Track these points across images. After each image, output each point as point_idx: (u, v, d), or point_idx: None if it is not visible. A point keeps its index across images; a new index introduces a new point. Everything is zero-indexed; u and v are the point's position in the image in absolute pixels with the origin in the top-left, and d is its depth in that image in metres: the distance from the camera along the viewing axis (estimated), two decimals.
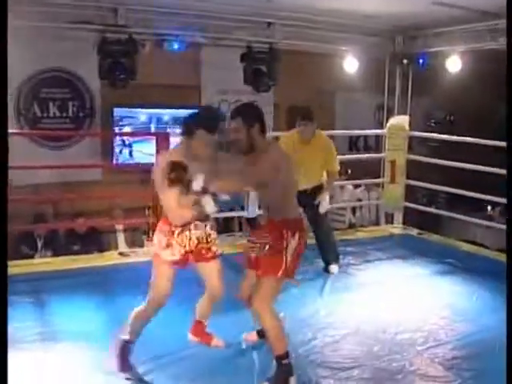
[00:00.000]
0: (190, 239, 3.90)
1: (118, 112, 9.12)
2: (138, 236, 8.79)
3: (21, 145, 8.43)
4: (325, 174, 6.36)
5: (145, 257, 6.79)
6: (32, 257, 7.64)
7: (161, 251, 3.88)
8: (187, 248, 3.91)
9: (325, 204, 6.14)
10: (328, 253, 6.45)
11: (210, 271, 4.06)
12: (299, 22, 7.96)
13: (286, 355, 3.76)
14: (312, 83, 10.15)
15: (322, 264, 6.45)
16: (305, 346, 4.40)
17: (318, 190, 6.20)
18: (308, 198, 5.97)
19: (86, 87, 9.17)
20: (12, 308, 4.93)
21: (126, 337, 3.95)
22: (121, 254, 7.12)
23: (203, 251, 3.98)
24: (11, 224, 6.76)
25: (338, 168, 6.42)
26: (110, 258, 6.87)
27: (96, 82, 8.81)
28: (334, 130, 10.40)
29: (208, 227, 4.01)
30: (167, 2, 7.31)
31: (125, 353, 3.94)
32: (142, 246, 8.44)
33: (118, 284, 5.80)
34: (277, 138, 6.62)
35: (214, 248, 4.04)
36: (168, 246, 3.86)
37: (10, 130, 8.46)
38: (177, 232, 3.87)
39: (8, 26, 6.69)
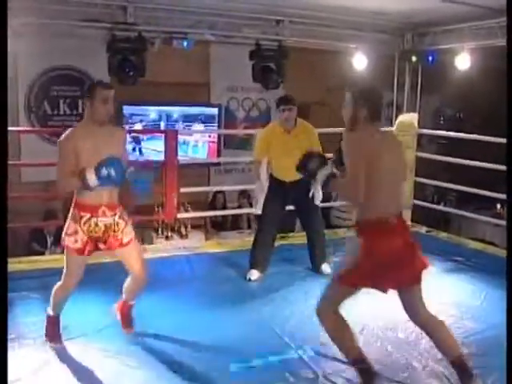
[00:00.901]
0: (96, 226, 3.99)
1: (127, 109, 9.14)
2: (148, 233, 8.82)
3: (31, 142, 8.51)
4: None
5: (153, 254, 6.86)
6: (42, 253, 7.68)
7: (65, 237, 4.03)
8: (93, 235, 4.00)
9: (319, 195, 5.84)
10: (321, 252, 6.22)
11: (128, 256, 4.21)
12: (308, 20, 7.96)
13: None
14: (321, 81, 10.15)
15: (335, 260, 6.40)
16: (312, 343, 4.41)
17: (303, 182, 5.62)
18: (297, 191, 5.79)
19: None
20: (22, 304, 5.02)
21: (51, 312, 4.27)
22: None
23: (111, 239, 4.07)
24: (22, 220, 6.85)
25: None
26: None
27: (105, 80, 8.80)
28: (343, 127, 10.41)
29: (117, 216, 4.08)
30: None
31: (52, 326, 4.27)
32: (151, 243, 8.49)
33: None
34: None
35: (120, 236, 4.11)
36: (74, 232, 3.99)
37: (20, 128, 8.60)
38: (84, 219, 3.96)
39: (18, 24, 6.76)
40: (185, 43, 7.85)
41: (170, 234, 9.04)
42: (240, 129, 10.26)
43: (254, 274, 5.95)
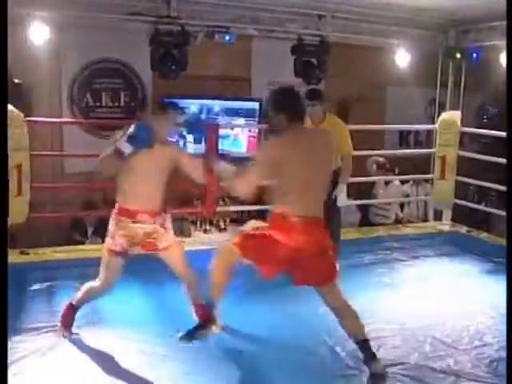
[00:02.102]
0: (134, 231, 4.12)
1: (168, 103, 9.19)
2: (186, 226, 8.86)
3: (74, 133, 8.62)
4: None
5: (191, 246, 6.90)
6: (82, 243, 7.78)
7: (107, 239, 4.15)
8: (131, 240, 4.13)
9: (343, 197, 5.73)
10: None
11: (166, 259, 4.39)
12: (351, 15, 7.93)
13: None
14: (362, 77, 10.07)
15: (365, 257, 6.35)
16: (349, 341, 4.39)
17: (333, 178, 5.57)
18: None
19: (137, 78, 9.29)
20: (61, 292, 5.11)
21: (74, 302, 4.37)
22: None
23: (148, 244, 4.22)
24: (63, 210, 6.94)
25: (352, 151, 5.91)
26: None
27: (148, 73, 8.91)
28: (384, 124, 10.34)
29: (158, 223, 4.21)
30: None
31: (69, 313, 4.36)
32: (189, 235, 8.54)
33: (164, 272, 5.88)
34: None
35: (157, 242, 4.24)
36: (114, 235, 4.10)
37: (63, 119, 8.72)
38: (123, 224, 4.08)
39: (62, 17, 6.85)
40: (227, 37, 7.87)
41: (208, 228, 9.07)
42: None
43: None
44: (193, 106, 9.42)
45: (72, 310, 4.38)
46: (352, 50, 9.07)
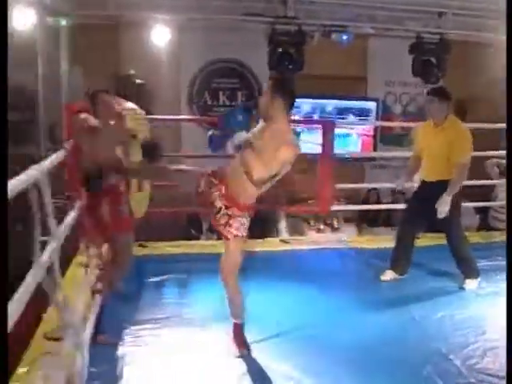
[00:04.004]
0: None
1: None
2: (299, 224, 8.90)
3: (191, 131, 8.85)
4: None
5: (305, 245, 6.92)
6: (198, 238, 7.95)
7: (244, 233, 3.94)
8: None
9: (443, 208, 5.12)
10: (460, 264, 5.51)
11: None
12: (472, 12, 7.70)
13: None
14: (483, 75, 9.74)
15: (482, 263, 6.11)
16: (464, 350, 4.25)
17: (441, 186, 5.17)
18: (429, 193, 5.27)
19: (254, 77, 9.40)
20: (174, 285, 5.25)
21: (238, 320, 4.04)
22: (282, 241, 7.23)
23: None
24: (180, 206, 7.11)
25: (467, 162, 5.19)
26: (271, 245, 6.99)
27: (265, 73, 9.01)
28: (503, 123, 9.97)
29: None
30: None
31: (238, 333, 4.05)
32: (302, 234, 8.57)
33: (277, 271, 5.93)
34: None
35: None
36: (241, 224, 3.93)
37: (182, 116, 8.97)
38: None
39: (182, 20, 7.05)
40: (344, 36, 7.86)
41: (321, 227, 9.07)
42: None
43: (387, 275, 5.64)
44: (305, 105, 9.43)
45: (240, 329, 4.08)
46: (472, 48, 8.79)
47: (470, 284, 5.46)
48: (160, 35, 7.65)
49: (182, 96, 9.21)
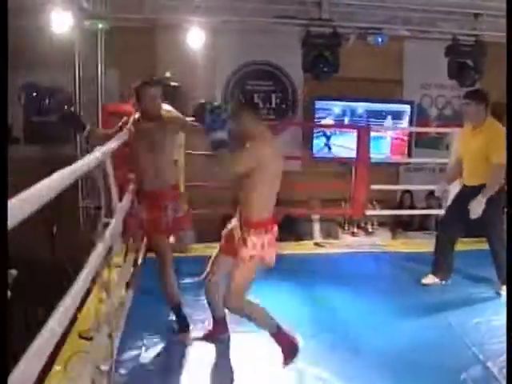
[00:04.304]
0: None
1: (319, 105, 9.25)
2: (333, 227, 8.89)
3: None
4: None
5: (339, 248, 6.91)
6: None
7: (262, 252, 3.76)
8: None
9: (475, 209, 5.01)
10: (499, 270, 5.31)
11: None
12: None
13: None
14: None
15: None
16: (501, 357, 4.17)
17: (481, 190, 5.05)
18: (469, 197, 5.13)
19: (289, 80, 9.40)
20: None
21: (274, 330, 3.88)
22: (316, 244, 7.23)
23: None
24: (214, 208, 7.13)
25: (503, 162, 4.79)
26: (305, 248, 7.00)
27: (299, 75, 9.01)
28: None
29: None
30: None
31: (282, 338, 3.90)
32: (336, 237, 8.55)
33: (311, 274, 5.92)
34: None
35: None
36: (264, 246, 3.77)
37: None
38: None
39: (217, 22, 7.09)
40: (379, 39, 7.83)
41: (355, 231, 9.04)
42: (432, 127, 9.94)
43: (428, 279, 5.59)
44: (336, 107, 9.39)
45: (281, 334, 3.90)
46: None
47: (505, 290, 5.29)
48: (195, 38, 7.69)
49: (217, 98, 9.25)
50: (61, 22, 6.44)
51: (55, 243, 7.53)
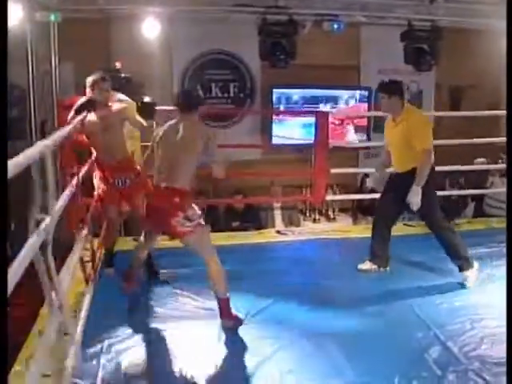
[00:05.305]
0: None
1: (277, 93, 9.22)
2: (295, 215, 8.89)
3: None
4: None
5: (301, 236, 6.92)
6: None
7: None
8: None
9: (414, 199, 5.12)
10: (449, 253, 5.40)
11: None
12: None
13: None
14: (476, 63, 9.67)
15: (479, 250, 6.11)
16: (460, 337, 4.25)
17: (409, 176, 5.20)
18: (399, 183, 5.36)
19: (246, 68, 9.35)
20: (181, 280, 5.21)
21: (225, 295, 4.35)
22: (278, 232, 7.24)
23: None
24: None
25: (429, 148, 5.18)
26: (267, 236, 7.01)
27: (256, 64, 8.98)
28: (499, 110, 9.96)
29: None
30: None
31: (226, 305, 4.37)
32: (298, 225, 8.55)
33: (274, 262, 5.93)
34: None
35: None
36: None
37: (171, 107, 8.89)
38: None
39: (172, 11, 7.01)
40: (335, 26, 7.82)
41: (317, 217, 9.06)
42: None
43: (365, 265, 5.68)
44: (294, 95, 9.37)
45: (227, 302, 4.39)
46: (465, 35, 8.71)
47: (468, 276, 5.36)
48: (151, 28, 7.59)
49: (175, 89, 9.15)
50: (11, 15, 6.27)
51: None
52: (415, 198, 5.10)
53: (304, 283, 5.31)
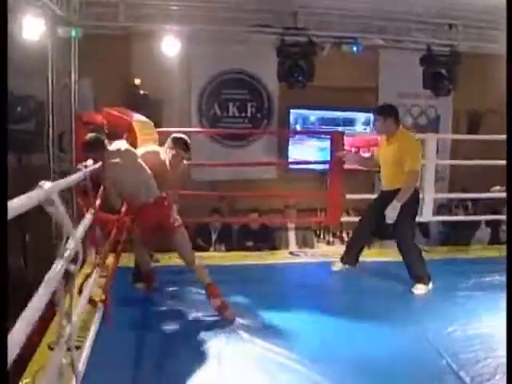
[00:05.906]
0: None
1: (294, 113, 9.24)
2: (309, 236, 8.86)
3: (202, 143, 8.82)
4: None
5: (313, 258, 6.88)
6: (207, 249, 7.89)
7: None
8: None
9: (391, 214, 5.41)
10: (409, 270, 5.68)
11: None
12: (482, 23, 7.67)
13: None
14: (494, 88, 9.64)
15: (494, 278, 6.04)
16: (474, 367, 4.15)
17: (394, 195, 5.47)
18: (384, 201, 5.58)
19: (264, 88, 9.38)
20: (183, 296, 5.21)
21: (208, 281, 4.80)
22: (291, 253, 7.22)
23: None
24: (190, 216, 7.12)
25: (415, 169, 5.49)
26: (280, 257, 6.98)
27: (274, 84, 9.00)
28: None
29: None
30: (346, 4, 7.34)
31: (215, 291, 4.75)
32: (312, 246, 8.53)
33: (286, 283, 5.90)
34: None
35: None
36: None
37: (192, 129, 8.94)
38: None
39: (192, 31, 7.05)
40: (354, 48, 7.85)
41: (331, 240, 9.03)
42: None
43: (337, 266, 6.20)
44: (312, 116, 9.38)
45: (214, 288, 4.77)
46: (484, 60, 8.71)
47: (419, 289, 5.59)
48: (170, 46, 7.65)
49: (192, 107, 9.20)
50: (33, 29, 6.34)
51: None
52: (392, 213, 5.42)
53: (310, 307, 5.24)
